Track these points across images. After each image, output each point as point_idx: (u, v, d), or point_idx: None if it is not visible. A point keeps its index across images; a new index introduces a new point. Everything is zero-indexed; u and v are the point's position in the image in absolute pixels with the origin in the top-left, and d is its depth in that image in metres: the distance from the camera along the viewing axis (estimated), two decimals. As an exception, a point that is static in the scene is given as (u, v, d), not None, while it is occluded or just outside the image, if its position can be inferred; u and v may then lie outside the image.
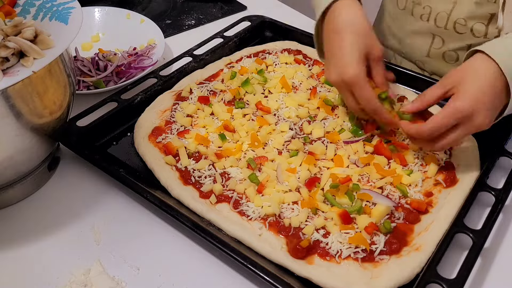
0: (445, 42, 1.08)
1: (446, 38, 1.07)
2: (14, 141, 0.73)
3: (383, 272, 0.71)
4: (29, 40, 0.69)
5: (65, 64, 0.78)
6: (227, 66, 1.11)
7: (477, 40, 1.03)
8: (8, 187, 0.82)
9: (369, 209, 0.78)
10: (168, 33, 1.29)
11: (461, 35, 1.04)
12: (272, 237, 0.76)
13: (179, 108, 0.99)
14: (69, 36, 0.73)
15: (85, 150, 0.88)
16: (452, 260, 0.74)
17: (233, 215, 0.79)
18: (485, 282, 0.74)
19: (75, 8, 0.78)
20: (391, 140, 0.90)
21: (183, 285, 0.74)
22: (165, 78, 1.05)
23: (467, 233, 0.74)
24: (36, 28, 0.71)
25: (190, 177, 0.85)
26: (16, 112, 0.70)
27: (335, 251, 0.73)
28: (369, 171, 0.85)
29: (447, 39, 1.07)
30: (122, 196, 0.86)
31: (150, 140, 0.92)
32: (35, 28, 0.70)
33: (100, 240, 0.79)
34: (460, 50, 1.07)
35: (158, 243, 0.79)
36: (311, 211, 0.79)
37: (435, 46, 1.10)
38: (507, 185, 0.81)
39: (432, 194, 0.82)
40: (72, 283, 0.73)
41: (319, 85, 1.05)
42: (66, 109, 0.82)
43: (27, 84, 0.70)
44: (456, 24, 1.04)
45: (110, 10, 1.27)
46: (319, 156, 0.88)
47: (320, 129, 0.93)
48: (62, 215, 0.83)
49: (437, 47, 1.09)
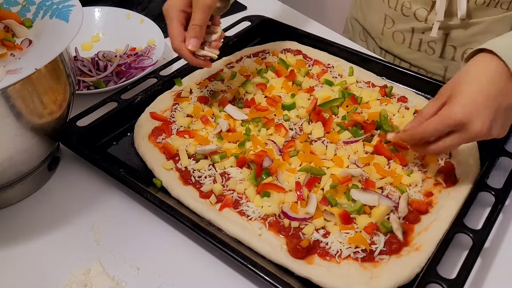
0: (394, 23, 1.18)
1: (395, 19, 1.17)
2: (14, 141, 0.73)
3: (383, 272, 0.71)
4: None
5: (65, 64, 0.78)
6: (227, 66, 1.11)
7: (420, 24, 1.14)
8: (8, 187, 0.82)
9: (369, 209, 0.78)
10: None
11: (407, 17, 1.15)
12: (272, 237, 0.76)
13: (179, 108, 0.99)
14: (70, 34, 0.73)
15: (85, 150, 0.88)
16: (452, 260, 0.74)
17: (233, 215, 0.79)
18: (485, 282, 0.74)
19: (75, 6, 0.78)
20: (391, 140, 0.90)
21: (183, 285, 0.74)
22: (165, 78, 1.05)
23: (467, 233, 0.74)
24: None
25: (190, 177, 0.85)
26: (16, 112, 0.70)
27: (335, 251, 0.74)
28: (369, 171, 0.85)
29: (396, 20, 1.18)
30: (122, 196, 0.86)
31: (150, 140, 0.92)
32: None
33: (100, 240, 0.79)
34: (406, 32, 1.17)
35: (158, 243, 0.79)
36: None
37: (387, 26, 1.21)
38: (507, 185, 0.81)
39: (432, 194, 0.82)
40: (72, 283, 0.73)
41: (319, 85, 1.05)
42: (66, 109, 0.82)
43: (27, 84, 0.70)
44: (403, 7, 1.14)
45: (110, 10, 1.27)
46: (319, 156, 0.88)
47: (320, 129, 0.93)
48: (62, 215, 0.83)
49: (388, 27, 1.20)
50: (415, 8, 1.12)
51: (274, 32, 1.24)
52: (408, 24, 1.15)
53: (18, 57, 0.75)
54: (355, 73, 1.08)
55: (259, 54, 1.15)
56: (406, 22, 1.15)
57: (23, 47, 0.77)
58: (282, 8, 1.43)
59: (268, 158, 0.85)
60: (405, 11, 1.13)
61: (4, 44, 0.76)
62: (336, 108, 0.98)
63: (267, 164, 0.84)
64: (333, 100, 0.98)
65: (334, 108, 0.97)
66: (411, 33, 1.12)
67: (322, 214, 0.77)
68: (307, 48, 1.17)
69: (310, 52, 1.15)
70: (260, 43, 1.20)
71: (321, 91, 1.02)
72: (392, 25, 1.19)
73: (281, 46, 1.18)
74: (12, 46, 0.77)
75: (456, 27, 1.10)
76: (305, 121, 0.96)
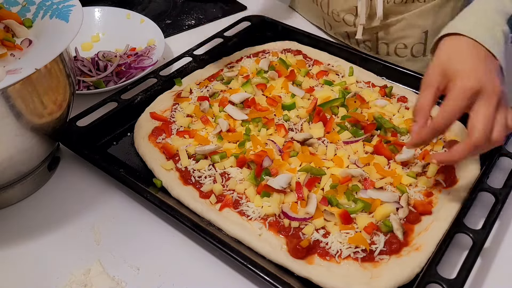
0: (332, 27, 1.26)
1: (331, 23, 1.25)
2: (14, 141, 0.73)
3: (383, 272, 0.71)
4: None
5: (65, 64, 0.78)
6: (227, 66, 1.11)
7: (350, 28, 1.21)
8: (8, 187, 0.82)
9: (372, 208, 0.78)
10: (168, 33, 1.29)
11: (338, 23, 1.22)
12: (272, 237, 0.76)
13: (179, 108, 0.99)
14: (70, 34, 0.73)
15: (85, 150, 0.88)
16: (452, 260, 0.74)
17: (233, 215, 0.79)
18: (485, 282, 0.74)
19: (75, 6, 0.78)
20: (391, 140, 0.90)
21: (183, 285, 0.74)
22: (165, 78, 1.05)
23: (467, 233, 0.74)
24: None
25: (190, 177, 0.85)
26: (16, 112, 0.70)
27: (335, 251, 0.74)
28: (369, 171, 0.85)
29: (332, 25, 1.25)
30: (122, 196, 0.86)
31: (150, 140, 0.92)
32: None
33: (100, 240, 0.79)
34: (344, 36, 1.25)
35: (158, 243, 0.79)
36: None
37: (327, 29, 1.29)
38: (507, 185, 0.81)
39: (432, 194, 0.82)
40: (72, 283, 0.73)
41: (318, 85, 1.05)
42: (66, 109, 0.82)
43: (27, 84, 0.70)
44: (333, 13, 1.21)
45: (110, 10, 1.27)
46: (319, 156, 0.88)
47: (320, 129, 0.93)
48: (62, 215, 0.83)
49: (328, 30, 1.29)
50: (343, 15, 1.19)
51: (274, 32, 1.24)
52: (341, 28, 1.23)
53: (18, 57, 0.75)
54: (355, 73, 1.08)
55: (259, 54, 1.15)
56: (339, 26, 1.23)
57: (23, 47, 0.77)
58: (282, 8, 1.43)
59: (268, 158, 0.84)
60: (336, 17, 1.21)
61: (4, 44, 0.76)
62: (336, 108, 0.98)
63: (267, 164, 0.84)
64: (333, 100, 0.98)
65: (334, 108, 0.97)
66: (347, 37, 1.23)
67: (322, 214, 0.77)
68: (307, 48, 1.17)
69: (310, 52, 1.15)
70: (260, 43, 1.20)
71: (321, 91, 1.02)
72: (330, 29, 1.27)
73: (281, 46, 1.18)
74: (12, 46, 0.76)
75: (380, 28, 1.17)
76: (305, 121, 0.96)
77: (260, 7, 1.39)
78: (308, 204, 0.78)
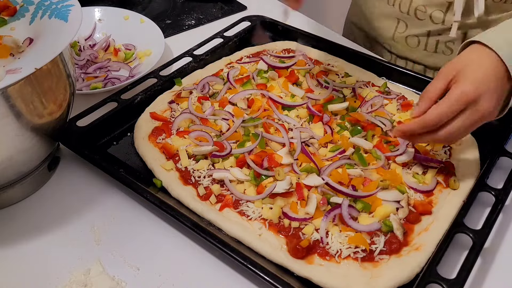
0: (408, 27, 1.15)
1: (409, 23, 1.14)
2: (14, 141, 0.73)
3: (383, 272, 0.71)
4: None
5: (65, 64, 0.78)
6: (227, 66, 1.11)
7: (436, 26, 1.11)
8: (8, 187, 0.82)
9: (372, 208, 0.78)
10: (168, 33, 1.29)
11: (422, 21, 1.12)
12: (272, 237, 0.76)
13: (179, 108, 0.99)
14: (70, 34, 0.73)
15: (85, 150, 0.88)
16: (452, 260, 0.74)
17: (233, 215, 0.79)
18: (485, 282, 0.74)
19: (74, 5, 0.78)
20: (391, 140, 0.90)
21: (183, 285, 0.74)
22: (165, 78, 1.05)
23: (467, 233, 0.74)
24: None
25: (190, 177, 0.85)
26: (16, 112, 0.70)
27: (335, 251, 0.73)
28: (369, 171, 0.85)
29: (410, 24, 1.14)
30: (122, 196, 0.86)
31: (150, 140, 0.92)
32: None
33: (100, 240, 0.79)
34: (422, 36, 1.14)
35: (158, 243, 0.79)
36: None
37: (399, 30, 1.18)
38: (507, 185, 0.81)
39: (432, 194, 0.82)
40: (72, 283, 0.73)
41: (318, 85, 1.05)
42: (66, 109, 0.82)
43: (27, 84, 0.70)
44: (417, 11, 1.11)
45: (110, 10, 1.27)
46: (319, 156, 0.88)
47: (320, 129, 0.93)
48: (62, 215, 0.83)
49: (401, 31, 1.17)
50: (431, 11, 1.10)
51: (274, 32, 1.24)
52: (423, 27, 1.13)
53: (18, 57, 0.75)
54: (355, 73, 1.08)
55: (259, 54, 1.15)
56: (421, 25, 1.13)
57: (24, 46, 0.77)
58: (282, 8, 1.42)
59: (268, 158, 0.84)
60: (420, 15, 1.11)
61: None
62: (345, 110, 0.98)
63: (267, 164, 0.84)
64: (333, 100, 0.98)
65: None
66: (427, 36, 1.09)
67: (322, 214, 0.77)
68: (307, 48, 1.17)
69: (310, 52, 1.15)
70: (260, 43, 1.20)
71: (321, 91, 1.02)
72: (405, 29, 1.16)
73: (281, 46, 1.18)
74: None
75: (474, 25, 1.08)
76: (305, 121, 0.96)
77: (260, 7, 1.39)
78: (308, 204, 0.78)
